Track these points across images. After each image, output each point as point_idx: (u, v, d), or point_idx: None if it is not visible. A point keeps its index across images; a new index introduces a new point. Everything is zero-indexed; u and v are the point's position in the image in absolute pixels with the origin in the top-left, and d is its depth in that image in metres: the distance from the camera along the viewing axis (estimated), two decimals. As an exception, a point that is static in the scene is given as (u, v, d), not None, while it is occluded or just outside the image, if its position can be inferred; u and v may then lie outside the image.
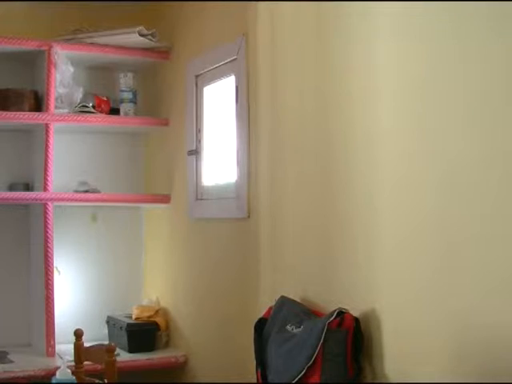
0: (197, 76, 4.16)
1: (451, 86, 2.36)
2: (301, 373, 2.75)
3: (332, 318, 2.70)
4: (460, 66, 2.33)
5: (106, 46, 4.36)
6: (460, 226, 2.30)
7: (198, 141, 4.17)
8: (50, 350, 4.14)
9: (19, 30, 4.33)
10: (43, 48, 4.22)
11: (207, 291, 4.01)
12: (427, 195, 2.45)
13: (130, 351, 4.23)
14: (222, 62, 3.90)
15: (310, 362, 2.72)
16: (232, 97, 3.80)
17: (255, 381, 3.10)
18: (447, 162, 2.36)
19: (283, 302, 3.10)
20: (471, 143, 2.27)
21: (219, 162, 4.04)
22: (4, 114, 4.16)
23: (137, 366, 4.11)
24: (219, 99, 4.04)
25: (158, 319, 4.37)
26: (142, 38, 4.33)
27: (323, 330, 2.70)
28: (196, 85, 4.17)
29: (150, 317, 4.37)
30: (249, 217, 3.61)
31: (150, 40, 4.37)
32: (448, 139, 2.36)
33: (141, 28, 4.31)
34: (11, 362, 4.02)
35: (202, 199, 4.12)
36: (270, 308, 3.14)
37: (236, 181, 3.75)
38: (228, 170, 3.89)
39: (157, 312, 4.42)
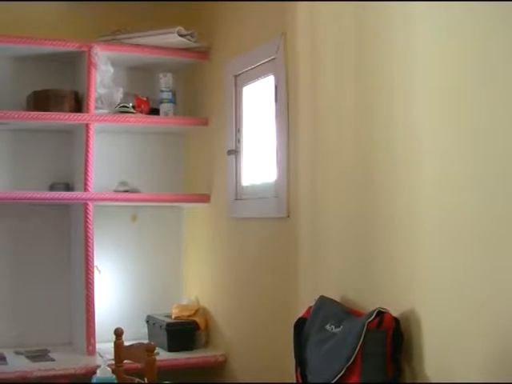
0: (236, 76, 4.16)
1: (491, 86, 2.34)
2: (340, 373, 2.74)
3: (371, 318, 2.68)
4: (499, 66, 2.30)
5: (146, 46, 4.39)
6: (503, 225, 2.28)
7: (238, 140, 4.17)
8: (90, 348, 4.17)
9: (60, 31, 4.38)
10: (83, 49, 4.26)
11: (246, 291, 4.01)
12: (470, 194, 2.42)
13: (170, 350, 4.25)
14: (261, 62, 3.89)
15: (350, 362, 2.71)
16: (271, 96, 3.80)
17: (294, 380, 3.10)
18: (489, 161, 2.34)
19: (323, 301, 3.09)
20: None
21: (259, 161, 4.03)
22: (45, 114, 4.21)
23: (176, 365, 4.12)
24: (258, 99, 4.04)
25: (198, 318, 4.38)
26: (181, 39, 4.34)
27: (363, 329, 2.69)
28: (235, 85, 4.17)
29: (189, 316, 4.38)
30: (288, 216, 3.60)
31: (189, 40, 4.38)
32: (489, 138, 2.34)
33: (180, 28, 4.33)
34: (52, 360, 4.06)
35: (241, 199, 4.12)
36: (310, 308, 3.13)
37: (275, 180, 3.74)
38: (267, 170, 3.88)
39: (196, 311, 4.43)
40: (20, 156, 4.48)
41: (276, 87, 3.74)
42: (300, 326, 3.12)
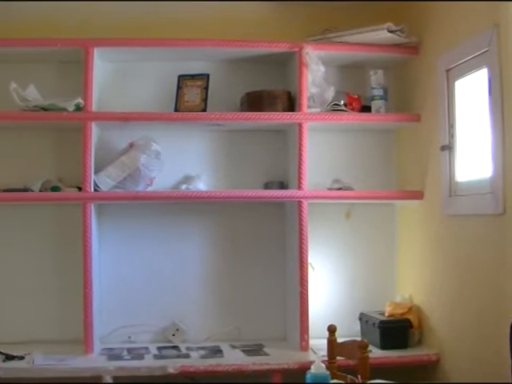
0: (447, 70, 4.07)
1: None
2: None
3: None
4: None
5: (355, 44, 4.39)
6: None
7: (451, 136, 4.08)
8: (303, 344, 4.24)
9: (270, 32, 4.51)
10: (294, 49, 4.34)
11: (461, 289, 3.92)
12: None
13: (382, 348, 4.22)
14: (473, 55, 3.78)
15: None
16: (485, 90, 3.69)
17: (511, 381, 3.01)
18: None
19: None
20: None
21: (473, 156, 3.93)
22: (259, 114, 4.32)
23: (388, 363, 4.08)
24: (471, 93, 3.93)
25: (411, 316, 4.32)
26: (390, 35, 4.30)
27: None
28: (447, 79, 4.08)
29: (402, 314, 4.33)
30: (504, 213, 3.49)
31: (399, 36, 4.34)
32: None
33: (389, 24, 4.29)
34: (267, 354, 4.17)
35: (455, 195, 4.04)
36: (525, 307, 3.04)
37: (491, 176, 3.63)
38: (482, 165, 3.77)
39: (410, 309, 4.36)
40: (235, 156, 4.65)
41: (490, 80, 3.63)
42: (516, 326, 3.03)
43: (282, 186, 4.59)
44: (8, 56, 4.36)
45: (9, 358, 3.96)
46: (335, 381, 3.30)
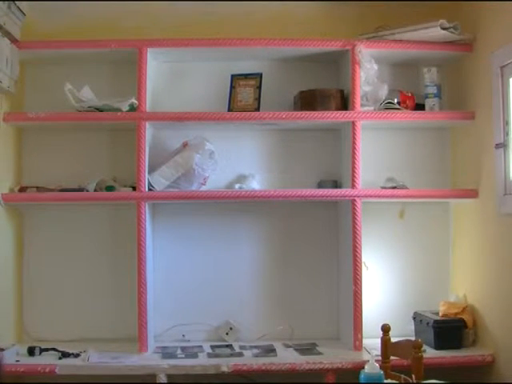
0: (502, 67, 4.02)
1: None
2: None
3: None
4: None
5: (408, 41, 4.37)
6: None
7: (506, 133, 4.03)
8: (357, 343, 4.23)
9: (322, 31, 4.52)
10: (347, 47, 4.34)
11: (517, 290, 3.88)
12: None
13: (436, 348, 4.19)
14: (527, 52, 3.75)
15: None
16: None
17: None
18: None
19: None
20: None
21: (528, 154, 3.89)
22: (312, 113, 4.32)
23: (443, 363, 4.05)
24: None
25: (466, 316, 4.27)
26: (444, 32, 4.27)
27: None
28: (501, 76, 4.03)
29: (456, 314, 4.29)
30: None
31: (452, 33, 4.30)
32: None
33: (442, 21, 4.26)
34: (320, 354, 4.17)
35: (510, 194, 3.98)
36: None
37: (545, 174, 3.59)
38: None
39: (464, 309, 4.32)
40: (288, 155, 4.66)
41: (546, 77, 3.59)
42: None
43: (336, 184, 4.58)
44: (63, 57, 4.44)
45: (64, 355, 4.04)
46: (389, 380, 3.30)
